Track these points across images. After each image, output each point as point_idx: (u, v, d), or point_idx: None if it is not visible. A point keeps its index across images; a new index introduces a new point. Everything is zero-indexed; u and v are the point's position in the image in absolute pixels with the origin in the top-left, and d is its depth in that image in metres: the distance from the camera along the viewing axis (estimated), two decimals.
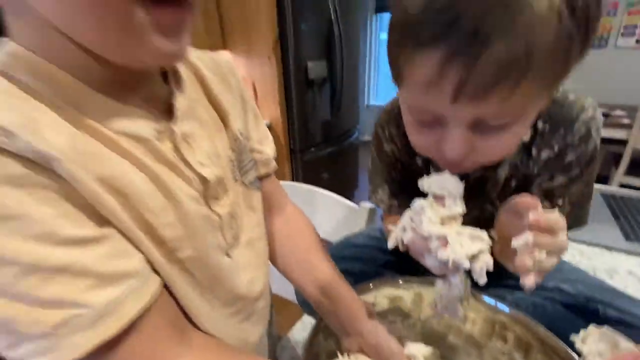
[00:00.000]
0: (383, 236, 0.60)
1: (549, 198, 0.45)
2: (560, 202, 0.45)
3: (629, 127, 1.94)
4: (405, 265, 0.59)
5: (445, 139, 0.32)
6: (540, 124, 0.43)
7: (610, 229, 0.81)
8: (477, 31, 0.24)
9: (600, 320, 0.42)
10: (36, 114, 0.22)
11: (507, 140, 0.32)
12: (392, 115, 0.52)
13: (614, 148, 2.40)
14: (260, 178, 0.44)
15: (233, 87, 0.40)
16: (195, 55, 0.37)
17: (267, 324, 0.44)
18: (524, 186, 0.47)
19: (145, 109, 0.29)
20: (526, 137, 0.44)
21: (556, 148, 0.43)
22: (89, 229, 0.23)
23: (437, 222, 0.30)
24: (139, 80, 0.29)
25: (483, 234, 0.30)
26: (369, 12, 3.61)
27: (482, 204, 0.52)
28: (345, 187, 2.54)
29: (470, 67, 0.26)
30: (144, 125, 0.28)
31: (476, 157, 0.33)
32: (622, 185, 2.01)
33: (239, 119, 0.39)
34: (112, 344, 0.22)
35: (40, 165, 0.21)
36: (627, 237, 0.77)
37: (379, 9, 3.58)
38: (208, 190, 0.32)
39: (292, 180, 1.96)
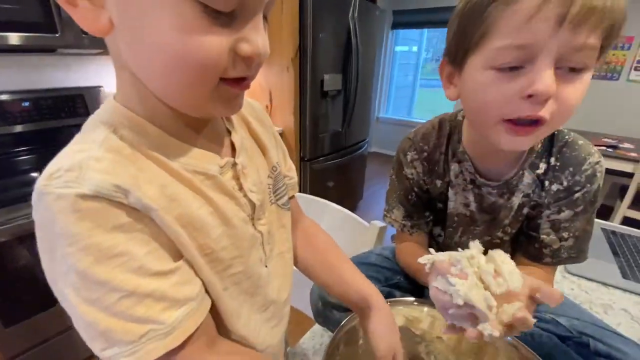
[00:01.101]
0: (394, 257, 0.64)
1: (555, 230, 0.50)
2: (565, 234, 0.50)
3: (636, 160, 1.95)
4: (415, 288, 0.62)
5: (534, 74, 0.36)
6: (552, 161, 0.49)
7: (608, 266, 0.84)
8: None
9: (591, 353, 0.46)
10: (138, 171, 0.28)
11: (578, 90, 0.37)
12: (415, 142, 0.58)
13: (620, 180, 2.42)
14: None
15: (267, 127, 0.47)
16: None
17: (286, 327, 0.49)
18: (534, 216, 0.52)
19: (210, 148, 0.35)
20: (540, 170, 0.50)
21: (565, 183, 0.49)
22: (168, 262, 0.30)
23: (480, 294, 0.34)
24: (205, 124, 0.36)
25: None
26: (386, 27, 3.67)
27: (494, 230, 0.56)
28: (350, 197, 2.57)
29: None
30: (211, 164, 0.34)
31: (554, 108, 0.37)
32: (626, 218, 2.03)
33: (274, 152, 0.45)
34: (173, 352, 0.29)
35: (140, 213, 0.27)
36: (624, 275, 0.80)
37: (395, 25, 3.66)
38: (254, 213, 0.39)
39: (299, 186, 2.00)
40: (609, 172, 2.44)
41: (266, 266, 0.42)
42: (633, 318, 0.69)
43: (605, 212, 2.55)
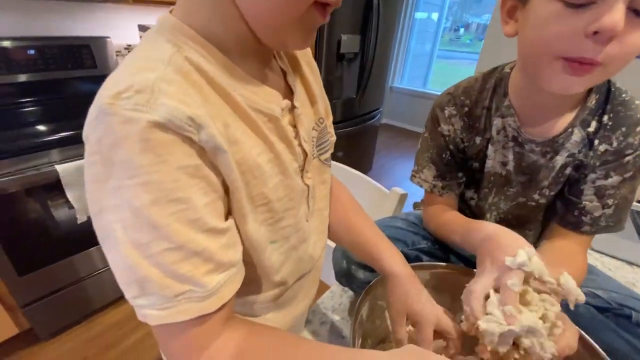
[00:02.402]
0: (420, 222, 0.61)
1: (599, 197, 0.48)
2: (609, 201, 0.47)
3: None
4: (442, 254, 0.60)
5: (603, 12, 0.33)
6: (605, 118, 0.46)
7: (634, 245, 0.81)
8: None
9: (632, 324, 0.44)
10: (205, 103, 0.25)
11: None
12: (455, 96, 0.54)
13: None
14: None
15: (316, 75, 0.43)
16: None
17: (318, 284, 0.49)
18: (576, 179, 0.49)
19: (273, 87, 0.32)
20: (591, 128, 0.46)
21: (615, 144, 0.46)
22: (221, 220, 0.27)
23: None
24: (269, 59, 0.34)
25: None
26: None
27: (530, 192, 0.54)
28: (359, 168, 2.52)
29: None
30: (275, 105, 0.31)
31: (614, 52, 0.35)
32: None
33: (322, 102, 0.42)
34: (206, 317, 0.26)
35: (207, 155, 0.25)
36: None
37: None
38: (305, 164, 0.36)
39: None
40: None
41: (307, 221, 0.40)
42: None
43: None
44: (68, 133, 1.06)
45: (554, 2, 0.36)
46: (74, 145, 1.07)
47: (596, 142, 0.46)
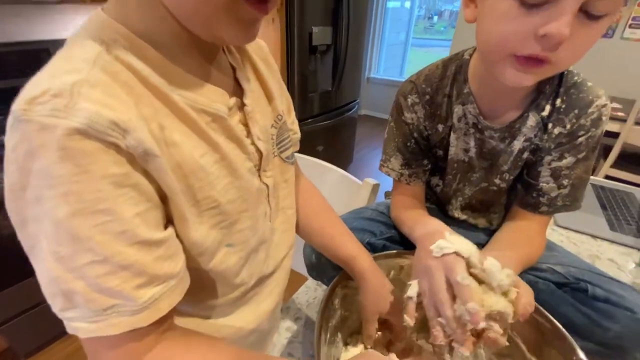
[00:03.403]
0: (388, 212, 0.62)
1: (555, 177, 0.49)
2: (565, 182, 0.49)
3: (623, 120, 1.97)
4: (409, 241, 0.61)
5: (556, 14, 0.33)
6: (558, 102, 0.47)
7: (596, 219, 0.85)
8: None
9: (588, 298, 0.46)
10: (136, 104, 0.24)
11: (592, 37, 0.36)
12: (417, 84, 0.55)
13: (605, 140, 2.46)
14: None
15: (274, 71, 0.42)
16: None
17: (285, 285, 0.48)
18: (533, 162, 0.51)
19: (217, 84, 0.31)
20: (545, 112, 0.48)
21: (568, 126, 0.47)
22: (156, 230, 0.26)
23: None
24: (213, 55, 0.32)
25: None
26: None
27: (492, 176, 0.55)
28: (340, 161, 2.54)
29: None
30: (220, 104, 0.30)
31: (563, 52, 0.36)
32: (607, 177, 2.09)
33: (280, 100, 0.41)
34: (140, 331, 0.25)
35: (136, 161, 0.23)
36: (612, 228, 0.82)
37: None
38: (261, 163, 0.36)
39: None
40: None
41: (270, 221, 0.40)
42: (620, 267, 0.71)
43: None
44: None
45: (510, 0, 0.36)
46: None
47: (550, 125, 0.48)
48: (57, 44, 1.39)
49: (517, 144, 0.50)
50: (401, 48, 4.03)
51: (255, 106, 0.35)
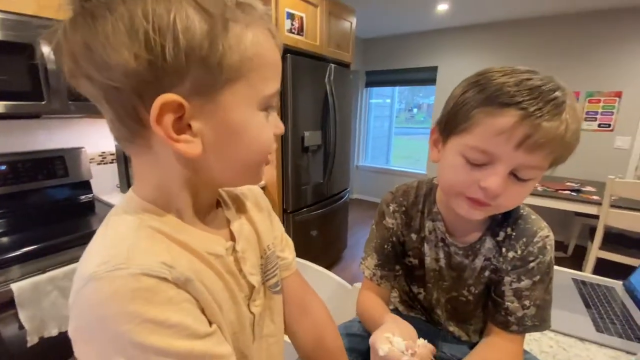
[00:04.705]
0: None
1: (517, 297, 0.54)
2: (527, 302, 0.53)
3: (598, 203, 2.08)
4: None
5: (491, 175, 0.43)
6: (509, 230, 0.55)
7: (583, 319, 0.86)
8: (548, 109, 0.40)
9: None
10: (171, 251, 0.33)
11: (522, 194, 0.46)
12: (396, 196, 0.64)
13: (589, 221, 2.55)
14: (283, 279, 0.53)
15: (264, 208, 0.51)
16: None
17: None
18: (497, 280, 0.56)
19: (217, 232, 0.40)
20: (499, 237, 0.55)
21: (519, 252, 0.54)
22: (208, 326, 0.33)
23: None
24: (208, 211, 0.41)
25: None
26: (360, 85, 3.97)
27: (460, 287, 0.60)
28: (334, 245, 2.56)
29: (537, 127, 0.40)
30: (220, 246, 0.39)
31: (501, 200, 0.45)
32: (599, 260, 2.10)
33: (268, 234, 0.49)
34: None
35: (182, 287, 0.31)
36: (598, 329, 0.82)
37: (368, 84, 4.01)
38: (252, 295, 0.42)
39: None
40: (577, 214, 2.59)
41: (250, 347, 0.43)
42: None
43: (581, 252, 2.65)
44: (30, 248, 1.05)
45: (459, 156, 0.46)
46: (35, 259, 1.05)
47: (504, 249, 0.54)
48: (72, 151, 1.52)
49: (479, 262, 0.56)
50: (385, 139, 4.42)
51: (247, 246, 0.43)
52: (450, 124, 0.48)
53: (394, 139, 4.40)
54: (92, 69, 0.27)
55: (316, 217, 2.17)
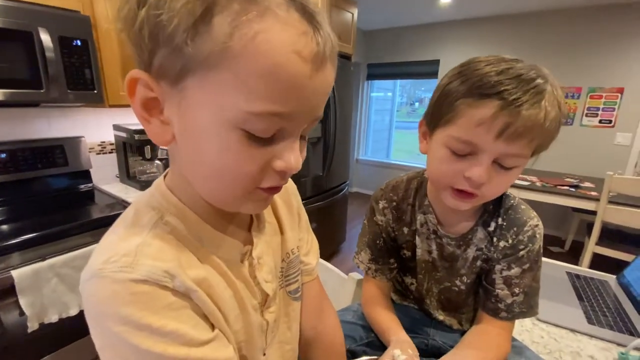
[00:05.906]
0: None
1: (507, 285, 0.55)
2: (516, 290, 0.54)
3: (596, 199, 2.08)
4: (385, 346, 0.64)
5: (474, 165, 0.44)
6: (500, 220, 0.56)
7: (575, 311, 0.87)
8: (527, 98, 0.40)
9: None
10: (180, 256, 0.32)
11: (506, 181, 0.47)
12: (386, 192, 0.64)
13: (587, 217, 2.56)
14: (303, 284, 0.52)
15: (294, 208, 0.49)
16: None
17: None
18: (487, 269, 0.58)
19: (234, 236, 0.38)
20: (491, 227, 0.56)
21: (510, 241, 0.55)
22: (209, 332, 0.33)
23: None
24: (234, 215, 0.39)
25: None
26: (361, 78, 3.95)
27: (453, 277, 0.61)
28: (333, 238, 2.58)
29: (516, 116, 0.40)
30: (235, 251, 0.38)
31: (486, 189, 0.46)
32: (595, 255, 2.12)
33: (294, 236, 0.48)
34: None
35: (184, 295, 0.31)
36: (589, 321, 0.83)
37: (370, 76, 3.98)
38: (266, 302, 0.41)
39: None
40: (575, 210, 2.60)
41: (264, 354, 0.42)
42: None
43: (578, 248, 2.66)
44: (30, 235, 1.06)
45: (444, 147, 0.47)
46: (34, 247, 1.06)
47: (495, 239, 0.55)
48: (72, 140, 1.52)
49: (471, 252, 0.57)
50: (386, 132, 4.41)
51: (266, 249, 0.41)
52: (435, 116, 0.49)
53: (394, 133, 4.39)
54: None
55: (315, 210, 2.18)
